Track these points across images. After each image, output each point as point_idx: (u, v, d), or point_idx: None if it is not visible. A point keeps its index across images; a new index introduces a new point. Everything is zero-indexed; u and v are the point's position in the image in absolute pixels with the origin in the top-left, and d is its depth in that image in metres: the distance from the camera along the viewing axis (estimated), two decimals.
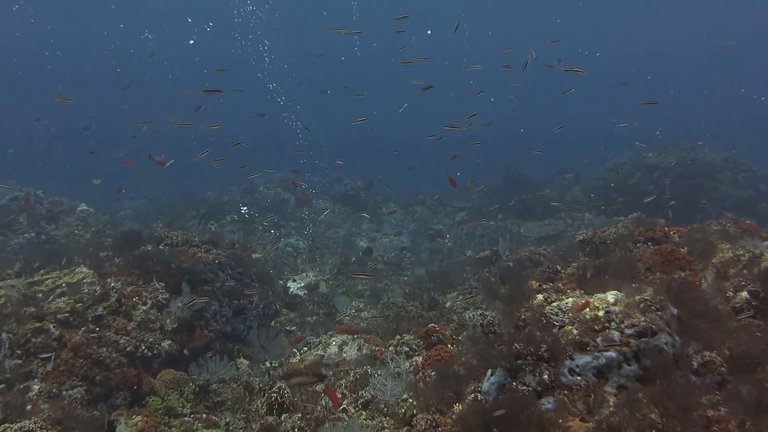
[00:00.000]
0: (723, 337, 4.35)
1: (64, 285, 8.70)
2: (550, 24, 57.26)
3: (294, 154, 18.37)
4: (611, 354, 4.35)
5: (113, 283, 9.16)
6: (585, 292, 5.51)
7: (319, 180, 25.09)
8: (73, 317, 8.11)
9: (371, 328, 9.57)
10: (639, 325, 4.42)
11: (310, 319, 11.51)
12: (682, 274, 5.76)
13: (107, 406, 7.21)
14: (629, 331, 4.45)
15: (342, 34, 11.47)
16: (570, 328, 4.85)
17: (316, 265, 16.20)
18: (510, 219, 21.52)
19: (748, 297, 4.88)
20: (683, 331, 4.47)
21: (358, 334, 8.75)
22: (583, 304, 4.92)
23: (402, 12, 11.02)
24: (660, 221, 8.62)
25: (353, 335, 8.83)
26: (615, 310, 4.74)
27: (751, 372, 4.04)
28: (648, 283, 5.75)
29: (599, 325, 4.69)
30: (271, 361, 9.08)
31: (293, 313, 11.83)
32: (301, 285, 13.42)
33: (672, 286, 5.08)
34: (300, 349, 8.98)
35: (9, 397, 6.70)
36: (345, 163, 19.84)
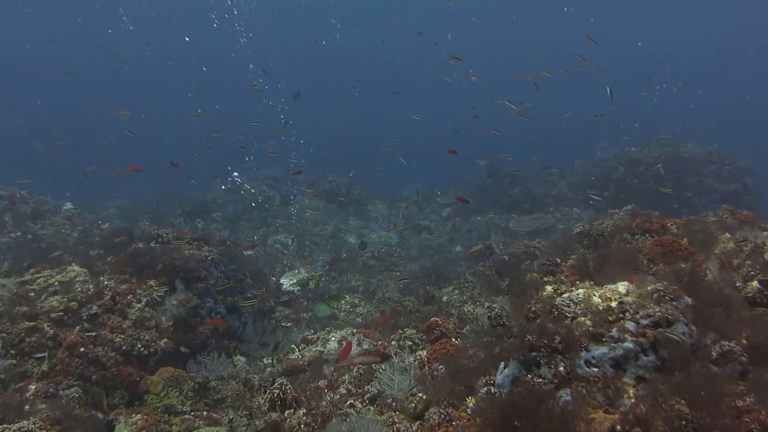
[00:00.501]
0: (739, 327, 4.36)
1: (56, 283, 8.50)
2: (550, 24, 57.59)
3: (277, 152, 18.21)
4: (628, 345, 4.33)
5: (106, 282, 8.99)
6: (595, 283, 5.49)
7: (304, 177, 24.95)
8: (67, 316, 7.93)
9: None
10: (655, 315, 4.41)
11: (305, 315, 11.41)
12: (685, 265, 5.77)
13: (101, 392, 7.11)
14: (645, 321, 4.43)
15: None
16: (583, 319, 4.83)
17: (306, 262, 16.09)
18: (497, 214, 21.59)
19: (760, 287, 4.90)
20: (698, 321, 4.47)
21: (358, 329, 8.69)
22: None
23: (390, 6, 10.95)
24: (655, 213, 8.67)
25: (352, 330, 8.77)
26: (628, 301, 4.74)
27: None
28: (652, 274, 5.77)
29: (613, 316, 4.68)
30: (269, 357, 8.98)
31: (288, 309, 11.73)
32: (294, 281, 13.30)
33: (682, 276, 5.09)
34: (299, 345, 8.90)
35: (6, 397, 6.52)
36: (332, 158, 19.74)
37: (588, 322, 4.76)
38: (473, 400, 5.04)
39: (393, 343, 7.78)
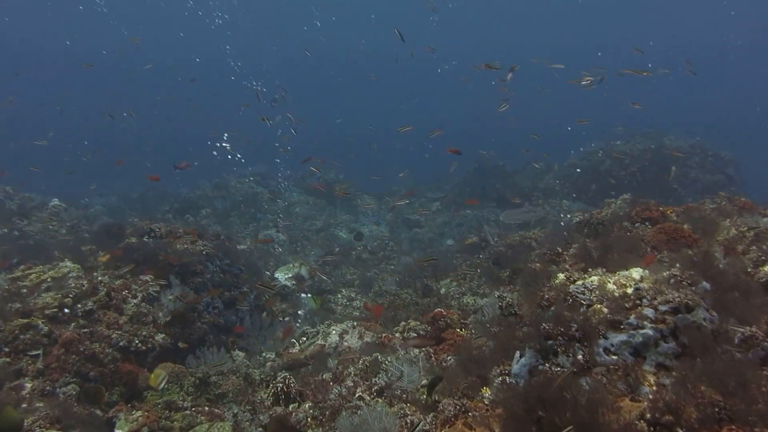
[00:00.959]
0: (757, 312, 4.34)
1: (49, 280, 8.29)
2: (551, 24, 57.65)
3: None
4: (648, 331, 4.29)
5: (100, 277, 8.78)
6: (607, 270, 5.45)
7: (291, 173, 24.75)
8: (61, 312, 7.73)
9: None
10: (674, 301, 4.37)
11: (300, 311, 11.30)
12: (698, 250, 5.76)
13: (100, 387, 6.98)
14: (664, 307, 4.40)
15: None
16: (599, 306, 4.78)
17: (299, 256, 15.97)
18: (486, 207, 21.63)
19: None
20: (717, 307, 4.45)
21: (359, 322, 8.59)
22: None
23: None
24: (652, 202, 8.68)
25: (353, 323, 8.67)
26: (644, 287, 4.70)
27: None
28: (660, 260, 5.75)
29: (630, 303, 4.64)
30: (267, 351, 8.86)
31: (284, 303, 11.60)
32: (289, 276, 13.16)
33: (696, 261, 5.07)
34: (299, 339, 8.78)
35: (2, 396, 6.34)
36: (322, 153, 19.56)
37: (604, 309, 4.71)
38: (488, 391, 4.97)
39: (397, 335, 7.70)
